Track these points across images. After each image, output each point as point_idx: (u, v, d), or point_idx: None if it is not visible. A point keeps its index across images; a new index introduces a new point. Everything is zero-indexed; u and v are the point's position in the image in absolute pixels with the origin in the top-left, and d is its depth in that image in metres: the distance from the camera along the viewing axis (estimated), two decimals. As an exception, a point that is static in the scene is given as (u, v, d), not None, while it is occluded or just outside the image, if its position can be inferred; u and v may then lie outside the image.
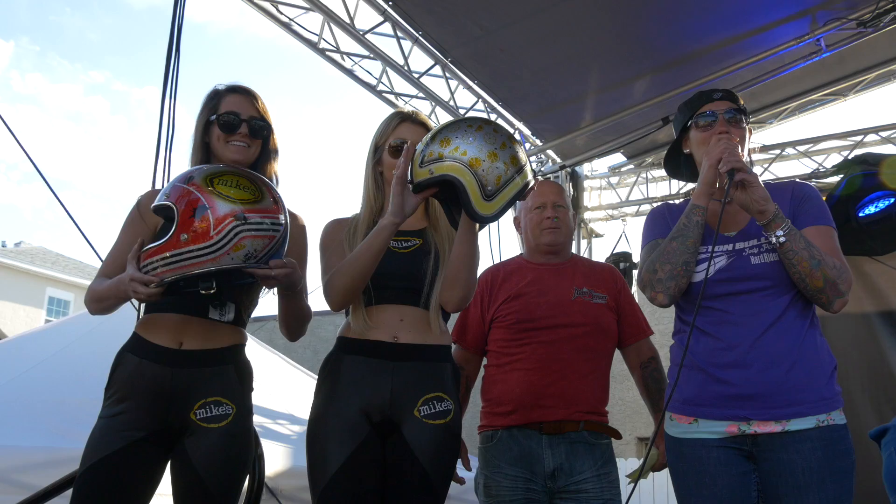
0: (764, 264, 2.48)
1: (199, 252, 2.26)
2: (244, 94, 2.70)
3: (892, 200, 5.03)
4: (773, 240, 2.40)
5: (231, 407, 2.50)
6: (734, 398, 2.42)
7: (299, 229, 2.75)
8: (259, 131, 2.67)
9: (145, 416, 2.45)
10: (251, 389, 2.65)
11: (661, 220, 2.73)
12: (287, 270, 2.40)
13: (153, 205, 2.42)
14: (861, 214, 5.13)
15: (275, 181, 2.74)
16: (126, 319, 2.67)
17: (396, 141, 2.71)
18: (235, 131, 2.63)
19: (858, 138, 7.18)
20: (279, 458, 4.25)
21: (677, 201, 2.89)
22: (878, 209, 5.08)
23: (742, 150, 2.55)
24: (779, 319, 2.44)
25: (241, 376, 2.60)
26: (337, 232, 2.74)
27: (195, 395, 2.47)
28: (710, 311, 2.51)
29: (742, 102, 2.68)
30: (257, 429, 2.75)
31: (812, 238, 2.44)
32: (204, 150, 2.69)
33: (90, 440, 2.45)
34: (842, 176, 5.49)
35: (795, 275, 2.42)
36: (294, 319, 2.68)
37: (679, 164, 2.81)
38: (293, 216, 2.75)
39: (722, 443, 2.44)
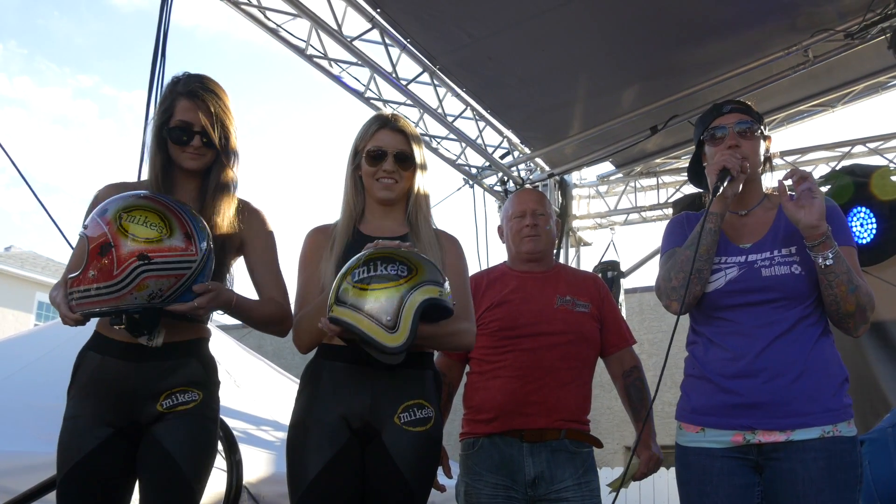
0: (774, 276, 2.47)
1: (104, 290, 2.25)
2: (197, 99, 2.57)
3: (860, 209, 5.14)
4: (820, 260, 2.37)
5: (198, 394, 2.50)
6: (739, 407, 2.43)
7: (266, 235, 2.74)
8: (213, 142, 2.59)
9: (111, 413, 2.44)
10: (218, 383, 2.63)
11: (680, 229, 2.73)
12: (206, 299, 2.37)
13: (79, 233, 2.39)
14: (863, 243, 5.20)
15: (232, 187, 2.67)
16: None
17: (373, 148, 2.67)
18: (188, 144, 2.57)
19: (846, 149, 7.22)
20: (262, 465, 4.24)
21: (666, 206, 2.89)
22: (863, 229, 5.18)
23: (758, 158, 2.59)
24: (788, 331, 2.44)
25: (206, 368, 2.58)
26: (317, 247, 2.70)
27: (160, 388, 2.46)
28: (722, 322, 2.53)
29: (755, 111, 2.66)
30: (240, 434, 2.74)
31: None
32: (163, 151, 2.61)
33: (61, 444, 2.45)
34: (829, 187, 5.51)
35: (830, 296, 2.41)
36: (259, 327, 2.68)
37: (701, 176, 2.82)
38: (261, 219, 2.73)
39: (727, 452, 2.45)
